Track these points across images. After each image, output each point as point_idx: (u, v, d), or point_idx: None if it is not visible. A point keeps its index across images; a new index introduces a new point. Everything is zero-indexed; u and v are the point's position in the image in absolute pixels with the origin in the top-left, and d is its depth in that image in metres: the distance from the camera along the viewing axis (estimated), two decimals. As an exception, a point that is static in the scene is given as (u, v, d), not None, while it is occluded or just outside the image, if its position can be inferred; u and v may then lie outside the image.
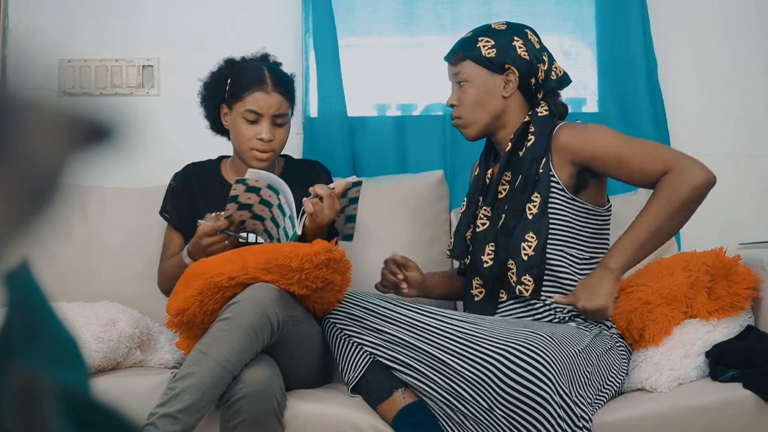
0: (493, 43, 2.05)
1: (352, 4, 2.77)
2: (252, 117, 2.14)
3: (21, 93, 0.40)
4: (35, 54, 0.44)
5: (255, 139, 2.14)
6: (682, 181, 1.85)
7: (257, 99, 2.14)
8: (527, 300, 1.99)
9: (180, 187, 2.30)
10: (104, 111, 0.42)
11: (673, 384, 1.90)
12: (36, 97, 0.40)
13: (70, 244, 2.44)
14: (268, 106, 2.14)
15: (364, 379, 1.90)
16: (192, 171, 2.32)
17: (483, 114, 2.06)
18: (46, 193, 0.39)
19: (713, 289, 2.05)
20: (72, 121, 0.40)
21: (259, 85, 2.15)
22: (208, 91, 2.26)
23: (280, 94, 2.16)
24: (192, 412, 1.70)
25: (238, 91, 2.16)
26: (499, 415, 1.71)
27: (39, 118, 0.39)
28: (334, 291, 1.93)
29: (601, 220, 2.05)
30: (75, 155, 0.40)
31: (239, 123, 2.16)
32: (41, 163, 0.39)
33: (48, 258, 1.76)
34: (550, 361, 1.70)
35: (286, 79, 2.22)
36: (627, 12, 2.70)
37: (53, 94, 0.44)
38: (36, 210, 0.39)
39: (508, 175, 2.06)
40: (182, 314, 1.86)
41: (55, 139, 0.39)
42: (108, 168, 0.54)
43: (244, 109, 2.15)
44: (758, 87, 2.77)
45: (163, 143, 2.69)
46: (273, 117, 2.15)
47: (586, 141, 1.96)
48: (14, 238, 0.39)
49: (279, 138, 2.18)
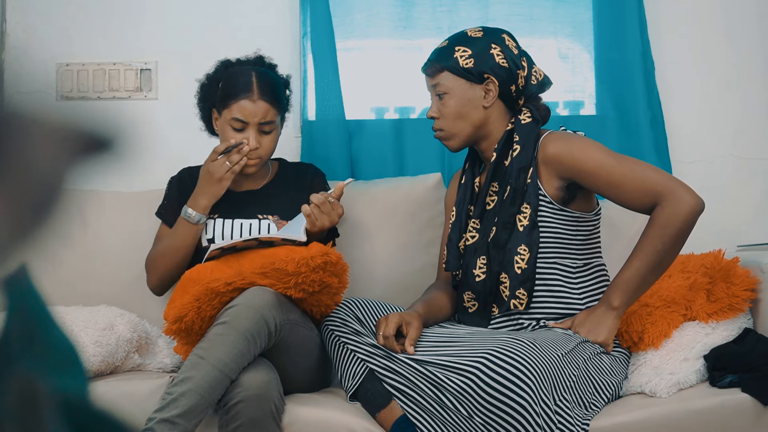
0: (470, 52, 2.04)
1: (350, 7, 2.77)
2: (238, 125, 2.16)
3: (20, 101, 0.40)
4: (33, 58, 0.44)
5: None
6: (674, 214, 1.85)
7: (242, 107, 2.15)
8: (520, 315, 1.98)
9: (175, 189, 2.32)
10: (103, 119, 0.42)
11: (673, 389, 1.89)
12: (35, 106, 0.40)
13: (68, 247, 2.44)
14: (253, 114, 2.15)
15: (363, 386, 1.89)
16: (188, 174, 2.34)
17: (465, 125, 2.05)
18: (46, 202, 0.39)
19: (712, 291, 2.06)
20: (72, 131, 0.40)
21: (245, 93, 2.16)
22: (203, 92, 2.29)
23: (266, 101, 2.16)
24: (190, 417, 1.69)
25: (225, 98, 2.18)
26: (478, 423, 1.70)
27: (39, 128, 0.39)
28: (332, 294, 1.93)
29: (592, 225, 2.05)
30: (75, 164, 0.40)
31: (227, 130, 2.18)
32: (41, 173, 0.39)
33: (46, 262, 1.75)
34: (529, 367, 1.67)
35: (275, 85, 2.22)
36: (624, 15, 2.70)
37: (52, 100, 0.44)
38: (36, 219, 0.39)
39: (495, 185, 2.05)
40: (180, 321, 1.86)
41: (55, 148, 0.39)
42: (107, 174, 0.54)
43: (230, 117, 2.16)
44: (757, 90, 2.77)
45: (161, 147, 2.69)
46: (259, 125, 2.16)
47: (576, 158, 1.94)
48: (15, 246, 0.39)
49: (266, 145, 2.18)
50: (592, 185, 1.95)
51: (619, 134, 2.71)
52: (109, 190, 2.56)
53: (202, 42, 2.78)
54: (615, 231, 2.40)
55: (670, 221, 1.86)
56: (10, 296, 0.46)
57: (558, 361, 1.75)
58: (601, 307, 1.93)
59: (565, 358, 1.79)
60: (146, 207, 2.49)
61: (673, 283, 2.06)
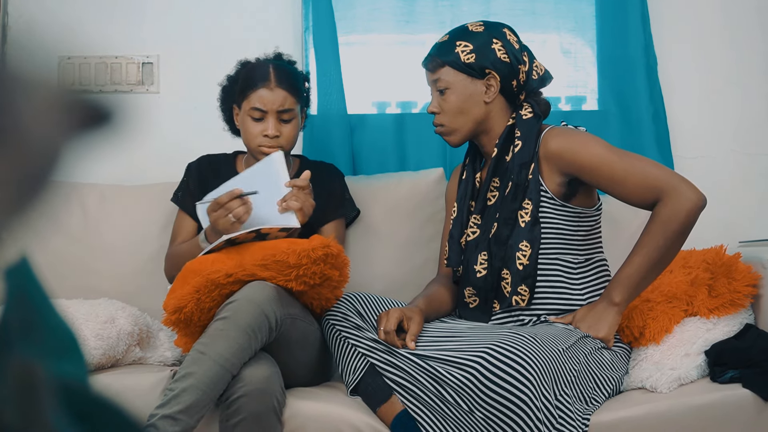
0: (471, 47, 2.02)
1: (353, 1, 2.77)
2: (257, 114, 2.16)
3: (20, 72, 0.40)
4: (35, 51, 0.43)
5: (261, 136, 2.16)
6: (676, 210, 1.85)
7: (261, 96, 2.15)
8: (521, 311, 1.98)
9: (194, 177, 2.30)
10: (104, 97, 0.42)
11: (674, 384, 1.89)
12: (34, 77, 0.40)
13: (69, 241, 2.44)
14: (271, 102, 2.15)
15: (364, 381, 1.89)
16: (207, 161, 2.34)
17: (466, 121, 2.04)
18: (42, 176, 0.39)
19: (713, 286, 2.06)
20: (70, 101, 0.39)
21: (263, 82, 2.16)
22: (224, 93, 2.29)
23: (284, 89, 2.16)
24: (192, 413, 1.69)
25: (244, 89, 2.18)
26: (479, 417, 1.70)
27: (36, 98, 0.39)
28: (332, 287, 1.93)
29: (593, 220, 2.05)
30: (72, 138, 0.39)
31: (246, 121, 2.18)
32: (38, 145, 0.38)
33: (47, 254, 1.75)
34: (530, 362, 1.67)
35: (292, 75, 2.21)
36: (627, 10, 2.70)
37: (55, 63, 0.44)
38: (31, 194, 0.39)
39: (496, 180, 2.04)
40: (179, 312, 1.86)
41: (55, 114, 0.39)
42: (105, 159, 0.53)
43: (249, 107, 2.16)
44: (759, 85, 2.77)
45: (162, 140, 2.69)
46: (278, 113, 2.15)
47: (577, 153, 1.93)
48: (9, 222, 0.39)
49: (287, 134, 2.18)
50: (594, 181, 1.95)
51: (621, 130, 2.70)
52: (110, 183, 2.56)
53: (204, 36, 2.78)
54: (616, 226, 2.40)
55: (672, 217, 1.85)
56: (10, 282, 0.46)
57: (559, 356, 1.75)
58: (602, 303, 1.93)
59: (566, 353, 1.79)
60: (147, 200, 2.50)
61: (674, 278, 2.06)
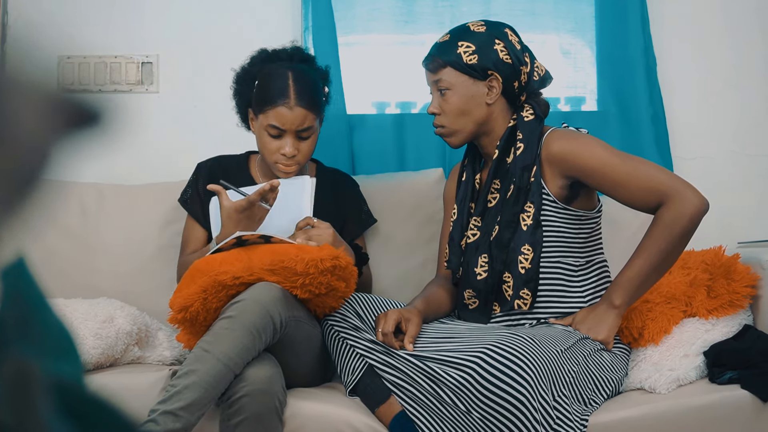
0: (473, 48, 2.00)
1: (352, 1, 2.77)
2: (274, 132, 2.11)
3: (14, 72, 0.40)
4: (34, 50, 0.43)
5: (278, 154, 2.12)
6: (679, 214, 1.85)
7: (280, 114, 2.09)
8: (522, 314, 1.98)
9: (205, 176, 2.25)
10: (94, 98, 0.42)
11: (673, 385, 1.89)
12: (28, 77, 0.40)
13: (68, 240, 2.44)
14: (291, 122, 2.09)
15: (362, 381, 1.89)
16: (218, 165, 2.29)
17: (467, 122, 2.02)
18: (32, 175, 0.39)
19: (712, 287, 2.05)
20: (59, 101, 0.39)
21: (282, 99, 2.09)
22: (239, 85, 2.22)
23: (303, 107, 2.10)
24: (193, 410, 1.69)
25: (262, 103, 2.12)
26: (476, 418, 1.69)
27: (27, 96, 0.39)
28: (337, 297, 1.92)
29: (594, 222, 2.04)
30: (61, 137, 0.39)
31: (263, 135, 2.13)
32: (28, 144, 0.38)
33: (46, 253, 1.75)
34: (528, 362, 1.67)
35: (313, 88, 2.14)
36: (626, 10, 2.70)
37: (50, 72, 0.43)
38: (22, 193, 0.39)
39: (497, 183, 2.03)
40: (185, 311, 1.85)
41: (43, 118, 0.39)
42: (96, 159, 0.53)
43: (266, 123, 2.11)
44: (758, 86, 2.77)
45: (161, 140, 2.69)
46: (297, 132, 2.11)
47: (580, 156, 1.93)
48: (3, 221, 0.39)
49: (304, 150, 2.14)
50: (596, 184, 1.94)
51: (621, 130, 2.70)
52: (110, 183, 2.56)
53: (203, 35, 2.77)
54: (616, 227, 2.40)
55: (674, 221, 1.85)
56: (5, 283, 0.46)
57: (557, 357, 1.75)
58: (602, 305, 1.93)
59: (565, 354, 1.79)
60: (147, 200, 2.50)
61: (673, 279, 2.06)
